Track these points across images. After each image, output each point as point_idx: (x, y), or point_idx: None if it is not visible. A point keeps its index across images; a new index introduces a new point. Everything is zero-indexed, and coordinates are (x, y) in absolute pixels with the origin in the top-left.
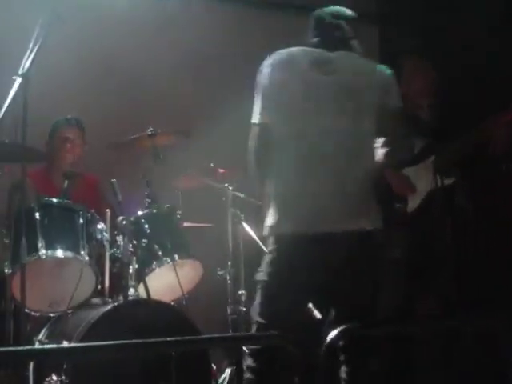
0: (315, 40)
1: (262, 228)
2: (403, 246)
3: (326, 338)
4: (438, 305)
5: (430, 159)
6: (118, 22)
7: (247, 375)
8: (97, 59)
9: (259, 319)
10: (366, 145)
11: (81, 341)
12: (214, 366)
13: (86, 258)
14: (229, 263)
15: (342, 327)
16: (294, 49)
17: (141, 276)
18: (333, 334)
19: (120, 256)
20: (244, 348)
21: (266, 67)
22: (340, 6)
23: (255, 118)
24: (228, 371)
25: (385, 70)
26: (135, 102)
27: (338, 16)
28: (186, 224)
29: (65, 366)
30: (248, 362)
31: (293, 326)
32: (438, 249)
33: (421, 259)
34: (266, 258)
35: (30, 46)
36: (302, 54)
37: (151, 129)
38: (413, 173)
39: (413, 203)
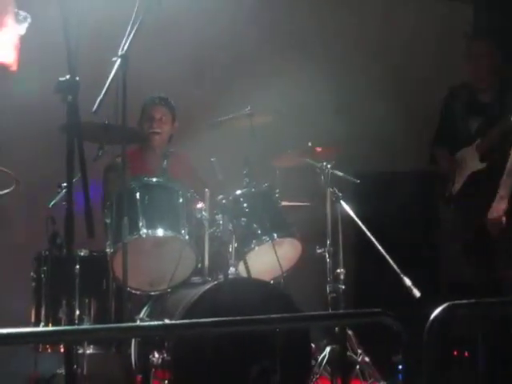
0: None
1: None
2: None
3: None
4: None
5: (476, 142)
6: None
7: None
8: (197, 40)
9: None
10: None
11: (182, 319)
12: (313, 345)
13: (187, 237)
14: (327, 242)
15: (446, 304)
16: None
17: (240, 255)
18: (437, 310)
19: (219, 235)
20: None
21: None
22: None
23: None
24: (327, 350)
25: None
26: (233, 82)
27: None
28: (284, 203)
29: (166, 344)
30: None
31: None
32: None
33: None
34: None
35: (129, 28)
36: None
37: (249, 108)
38: (465, 154)
39: (457, 185)
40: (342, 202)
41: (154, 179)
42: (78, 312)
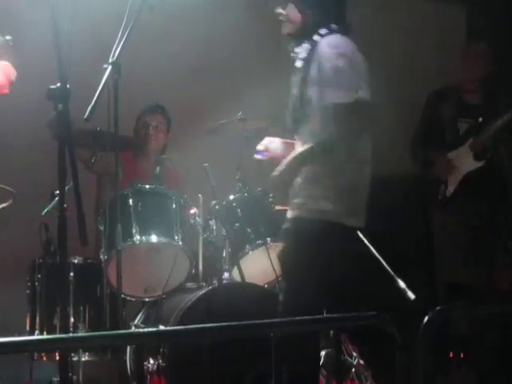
0: None
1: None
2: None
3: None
4: None
5: (469, 142)
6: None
7: None
8: (188, 46)
9: None
10: None
11: (177, 325)
12: None
13: (180, 242)
14: None
15: (439, 307)
16: None
17: (234, 260)
18: (430, 313)
19: (213, 240)
20: None
21: None
22: None
23: None
24: (323, 353)
25: None
26: (225, 87)
27: None
28: (277, 207)
29: (162, 350)
30: None
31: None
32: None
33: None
34: None
35: (119, 34)
36: None
37: (241, 113)
38: (456, 155)
39: (451, 187)
40: None
41: (147, 186)
42: (72, 319)
